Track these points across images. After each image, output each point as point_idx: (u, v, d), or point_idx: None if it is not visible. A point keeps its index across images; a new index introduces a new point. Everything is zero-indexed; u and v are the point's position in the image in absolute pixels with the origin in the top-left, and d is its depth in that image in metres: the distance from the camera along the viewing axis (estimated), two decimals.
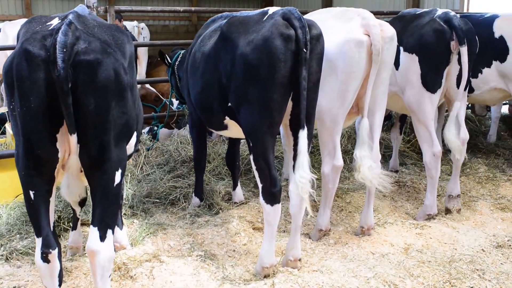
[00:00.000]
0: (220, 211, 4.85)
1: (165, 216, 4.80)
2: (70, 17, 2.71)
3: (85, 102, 2.61)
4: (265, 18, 3.43)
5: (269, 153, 3.39)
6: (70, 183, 3.42)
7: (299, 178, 3.25)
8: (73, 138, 2.67)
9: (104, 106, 2.67)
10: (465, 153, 4.82)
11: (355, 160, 3.92)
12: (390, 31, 3.89)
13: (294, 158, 3.44)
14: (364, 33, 3.79)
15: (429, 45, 4.38)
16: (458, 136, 4.53)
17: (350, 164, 6.16)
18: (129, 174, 5.43)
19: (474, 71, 5.61)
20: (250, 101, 3.36)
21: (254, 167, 3.49)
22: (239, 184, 5.06)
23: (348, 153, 5.97)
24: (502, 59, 5.41)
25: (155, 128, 6.17)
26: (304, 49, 3.19)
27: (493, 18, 5.58)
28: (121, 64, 2.75)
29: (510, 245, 4.17)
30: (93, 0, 5.70)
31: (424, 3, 11.65)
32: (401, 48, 4.57)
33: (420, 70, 4.44)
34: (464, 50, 4.28)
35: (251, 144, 3.46)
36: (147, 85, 7.54)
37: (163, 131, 6.87)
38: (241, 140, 5.12)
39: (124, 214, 4.80)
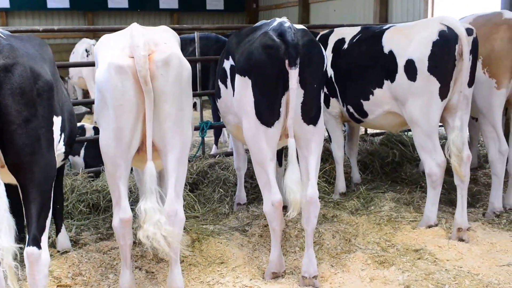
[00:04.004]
0: None
1: None
2: None
3: None
4: None
5: None
6: None
7: None
8: None
9: None
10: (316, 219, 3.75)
11: (138, 215, 3.13)
12: (163, 53, 3.07)
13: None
14: (130, 55, 3.01)
15: (260, 65, 3.51)
16: (299, 189, 3.49)
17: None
18: None
19: (365, 92, 4.70)
20: None
21: None
22: (63, 228, 4.31)
23: None
24: (392, 79, 4.46)
25: None
26: None
27: (385, 30, 4.64)
28: None
29: None
30: None
31: (392, 14, 10.84)
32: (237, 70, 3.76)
33: (253, 97, 3.61)
34: (293, 73, 3.40)
35: None
36: None
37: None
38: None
39: None
